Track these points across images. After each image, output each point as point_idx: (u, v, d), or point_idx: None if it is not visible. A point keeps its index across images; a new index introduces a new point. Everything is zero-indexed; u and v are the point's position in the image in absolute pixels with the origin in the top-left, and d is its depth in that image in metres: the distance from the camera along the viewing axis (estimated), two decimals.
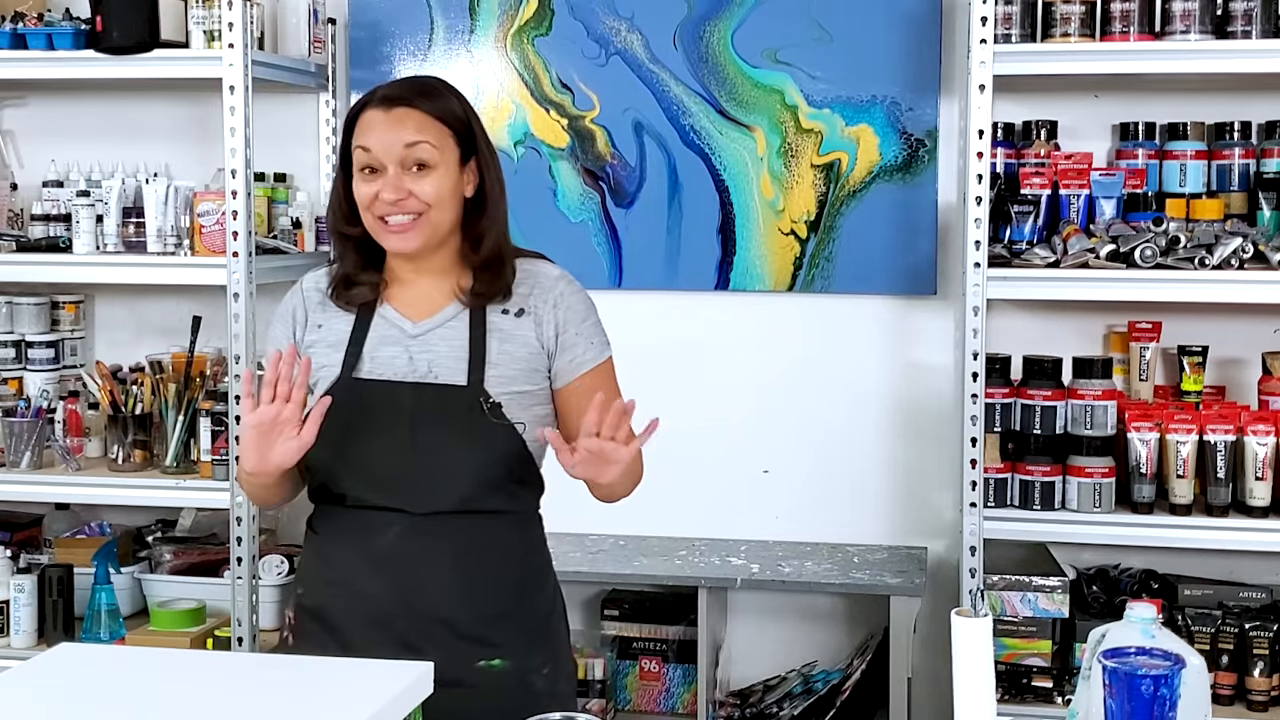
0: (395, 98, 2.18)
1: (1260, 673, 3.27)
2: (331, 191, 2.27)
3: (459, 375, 2.18)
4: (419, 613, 2.16)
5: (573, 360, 2.23)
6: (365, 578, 2.18)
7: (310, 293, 2.30)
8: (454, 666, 2.11)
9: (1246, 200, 3.42)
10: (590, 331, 2.25)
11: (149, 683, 1.81)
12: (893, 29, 3.66)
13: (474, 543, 2.18)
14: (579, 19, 3.80)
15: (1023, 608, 3.38)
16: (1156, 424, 3.28)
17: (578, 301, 2.26)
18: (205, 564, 3.75)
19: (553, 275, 2.27)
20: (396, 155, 2.15)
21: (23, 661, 1.90)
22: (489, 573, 2.19)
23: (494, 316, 2.22)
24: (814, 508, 3.80)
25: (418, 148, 2.15)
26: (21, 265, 3.67)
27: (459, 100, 2.23)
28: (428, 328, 2.21)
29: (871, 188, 3.70)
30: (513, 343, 2.21)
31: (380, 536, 2.18)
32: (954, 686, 1.75)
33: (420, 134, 2.16)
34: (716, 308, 3.80)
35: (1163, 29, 3.27)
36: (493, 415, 2.16)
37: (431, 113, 2.17)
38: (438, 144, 2.16)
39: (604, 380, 2.24)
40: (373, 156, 2.16)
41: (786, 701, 3.60)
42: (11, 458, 3.66)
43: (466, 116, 2.22)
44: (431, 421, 2.16)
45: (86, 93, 3.98)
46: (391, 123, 2.16)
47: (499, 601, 2.18)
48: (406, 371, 2.19)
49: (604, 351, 2.27)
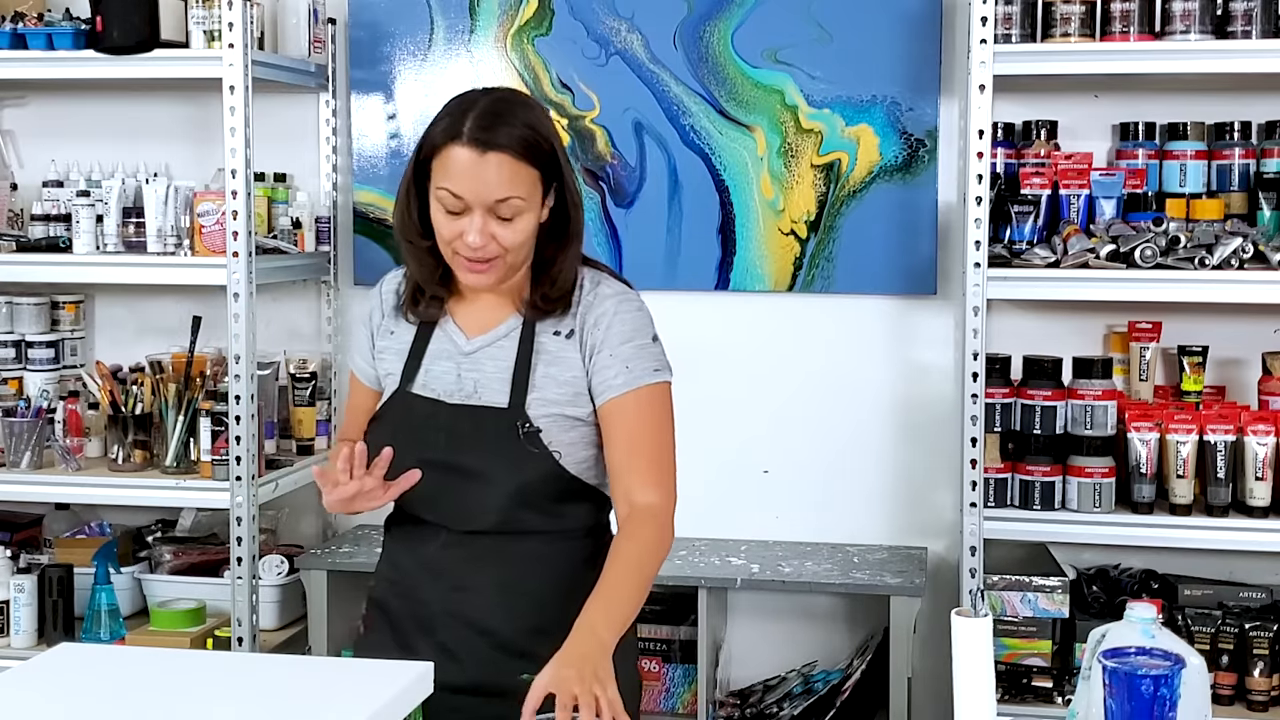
0: (490, 143, 2.06)
1: (1260, 673, 3.27)
2: (399, 199, 2.19)
3: (501, 397, 2.16)
4: (462, 622, 2.17)
5: (602, 383, 2.16)
6: (417, 583, 2.21)
7: (387, 296, 2.29)
8: (496, 676, 2.13)
9: (1246, 200, 3.42)
10: (629, 355, 2.16)
11: (149, 683, 1.81)
12: (893, 29, 3.66)
13: (516, 559, 2.17)
14: (579, 19, 3.80)
15: (1023, 608, 3.38)
16: (1156, 424, 3.28)
17: (620, 322, 2.18)
18: (205, 564, 3.75)
19: (606, 294, 2.21)
20: (485, 204, 2.08)
21: (23, 661, 1.90)
22: (531, 588, 2.17)
23: (544, 337, 2.19)
24: (814, 508, 3.80)
25: (509, 202, 2.08)
26: (21, 265, 3.67)
27: (540, 120, 2.14)
28: (479, 345, 2.21)
29: (871, 188, 3.70)
30: (558, 365, 2.18)
31: (429, 544, 2.20)
32: (954, 686, 1.75)
33: (512, 188, 2.07)
34: (716, 308, 3.80)
35: (1163, 29, 3.27)
36: (528, 441, 2.14)
37: (521, 154, 2.08)
38: (527, 195, 2.09)
39: (639, 409, 2.16)
40: (460, 201, 2.08)
41: (786, 701, 3.60)
42: (11, 458, 3.66)
43: (550, 142, 2.13)
44: (469, 443, 2.15)
45: (86, 93, 3.98)
46: (482, 170, 2.06)
47: (542, 615, 2.15)
48: (453, 390, 2.19)
49: (641, 379, 2.16)
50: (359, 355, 2.32)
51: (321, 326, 4.01)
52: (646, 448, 2.16)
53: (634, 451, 2.15)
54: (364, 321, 2.32)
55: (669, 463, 2.19)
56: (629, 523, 2.13)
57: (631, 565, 2.09)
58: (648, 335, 2.21)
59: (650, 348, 2.20)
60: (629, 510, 2.14)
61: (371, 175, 3.93)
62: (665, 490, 2.17)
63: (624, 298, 2.22)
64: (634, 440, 2.16)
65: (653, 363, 2.19)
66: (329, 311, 3.99)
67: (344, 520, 4.01)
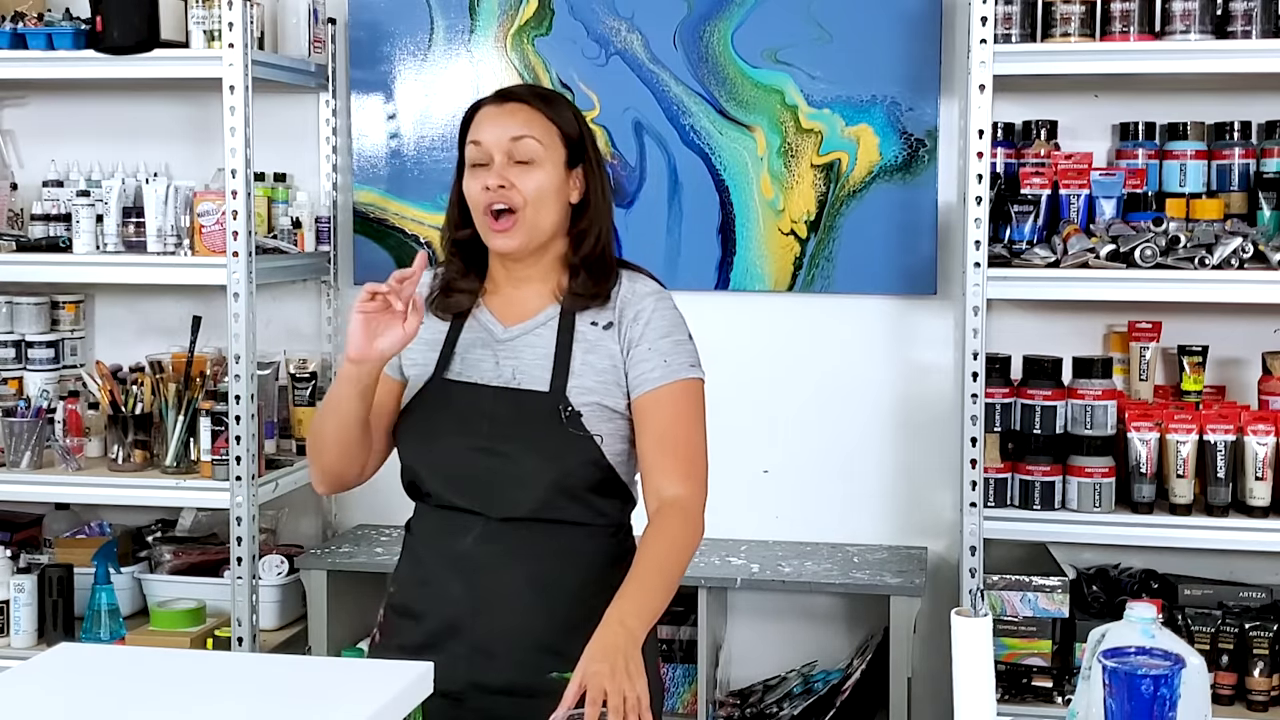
0: (509, 93, 2.23)
1: (1260, 673, 3.27)
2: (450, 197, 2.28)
3: (542, 382, 2.18)
4: (493, 619, 2.16)
5: (639, 375, 2.19)
6: (447, 580, 2.19)
7: (422, 288, 2.29)
8: (526, 675, 2.12)
9: (1246, 200, 3.42)
10: (667, 350, 2.20)
11: (149, 683, 1.81)
12: (893, 29, 3.66)
13: (549, 552, 2.17)
14: (579, 19, 3.80)
15: (1023, 608, 3.38)
16: (1156, 424, 3.28)
17: (659, 318, 2.22)
18: (205, 564, 3.75)
19: (644, 291, 2.25)
20: (504, 147, 2.17)
21: (23, 661, 1.90)
22: (564, 584, 2.17)
23: (582, 326, 2.21)
24: (814, 508, 3.80)
25: (523, 141, 2.17)
26: (21, 265, 3.67)
27: (574, 113, 2.26)
28: (517, 333, 2.22)
29: (871, 188, 3.70)
30: (596, 354, 2.19)
31: (460, 539, 2.18)
32: (954, 686, 1.75)
33: (527, 128, 2.18)
34: (716, 308, 3.80)
35: (1163, 29, 3.27)
36: (570, 424, 2.15)
37: (542, 111, 2.20)
38: (544, 141, 2.18)
39: (675, 403, 2.19)
40: (482, 150, 2.18)
41: (786, 701, 3.60)
42: (11, 458, 3.66)
43: (579, 126, 2.24)
44: (510, 426, 2.15)
45: (86, 93, 3.98)
46: (502, 115, 2.20)
47: (573, 613, 2.14)
48: (492, 376, 2.20)
49: (678, 373, 2.19)
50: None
51: (321, 326, 4.01)
52: (680, 442, 2.18)
53: (667, 445, 2.17)
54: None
55: (701, 458, 2.21)
56: (659, 516, 2.14)
57: (661, 558, 2.10)
58: (684, 332, 2.25)
59: (687, 344, 2.24)
60: (659, 504, 2.15)
61: (371, 175, 3.93)
62: (697, 484, 2.18)
63: (661, 295, 2.26)
64: (668, 434, 2.17)
65: (689, 359, 2.23)
66: (329, 311, 3.99)
67: (344, 520, 4.01)
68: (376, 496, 3.57)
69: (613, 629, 1.98)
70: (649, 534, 2.12)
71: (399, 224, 3.91)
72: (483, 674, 2.14)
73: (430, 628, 2.20)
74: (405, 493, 2.30)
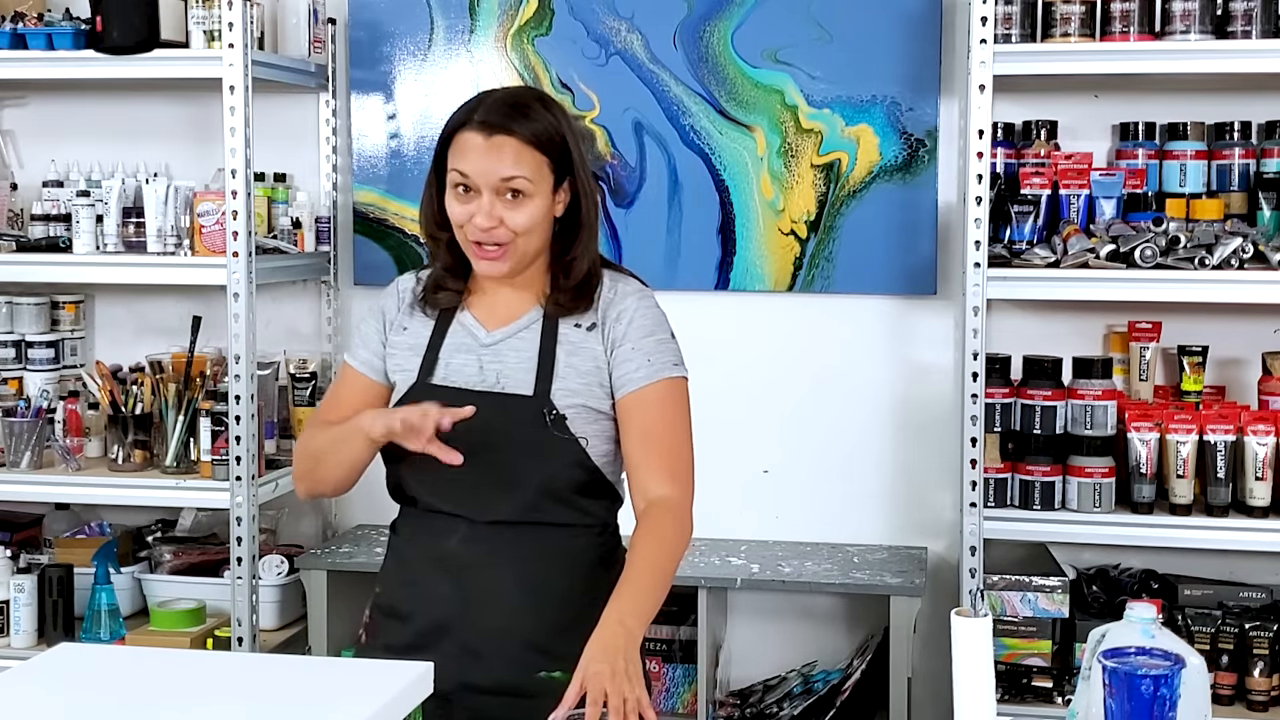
0: (494, 125, 2.13)
1: (1260, 673, 3.27)
2: (424, 192, 2.25)
3: (526, 386, 2.18)
4: (481, 619, 2.17)
5: (623, 375, 2.19)
6: (434, 581, 2.19)
7: (404, 294, 2.31)
8: (514, 675, 2.13)
9: (1246, 200, 3.42)
10: (650, 349, 2.20)
11: (149, 683, 1.81)
12: (893, 29, 3.66)
13: (536, 553, 2.17)
14: (579, 19, 3.80)
15: (1023, 608, 3.38)
16: (1156, 424, 3.28)
17: (641, 317, 2.22)
18: (205, 564, 3.75)
19: (626, 291, 2.25)
20: (492, 184, 2.13)
21: (23, 661, 1.91)
22: (551, 584, 2.17)
23: (566, 328, 2.21)
24: (814, 508, 3.80)
25: (514, 181, 2.13)
26: (21, 265, 3.67)
27: (556, 118, 2.18)
28: (500, 337, 2.22)
29: (871, 188, 3.70)
30: (579, 356, 2.20)
31: (446, 541, 2.19)
32: (954, 686, 1.75)
33: (517, 168, 2.13)
34: (716, 308, 3.80)
35: (1163, 29, 3.27)
36: (555, 428, 2.16)
37: (529, 140, 2.14)
38: (533, 176, 2.14)
39: (659, 402, 2.19)
40: (469, 180, 2.15)
41: (786, 701, 3.60)
42: (11, 458, 3.66)
43: (564, 137, 2.18)
44: (495, 430, 2.15)
45: (86, 93, 3.98)
46: (489, 151, 2.13)
47: (561, 613, 2.15)
48: (476, 380, 2.20)
49: (662, 372, 2.20)
50: (364, 347, 2.31)
51: (321, 326, 4.01)
52: (665, 441, 2.19)
53: (653, 444, 2.18)
54: (375, 314, 2.32)
55: (687, 457, 2.22)
56: (647, 516, 2.14)
57: (654, 558, 2.10)
58: (667, 331, 2.25)
59: (670, 343, 2.24)
60: (646, 504, 2.16)
61: (371, 175, 3.93)
62: (683, 484, 2.20)
63: (643, 295, 2.26)
64: (653, 433, 2.18)
65: (672, 357, 2.23)
66: (329, 311, 3.99)
67: (344, 520, 4.01)
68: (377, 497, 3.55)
69: (612, 629, 1.99)
70: (640, 534, 2.13)
71: (399, 224, 3.91)
72: (471, 674, 2.14)
73: (418, 628, 2.20)
74: (390, 496, 2.30)
